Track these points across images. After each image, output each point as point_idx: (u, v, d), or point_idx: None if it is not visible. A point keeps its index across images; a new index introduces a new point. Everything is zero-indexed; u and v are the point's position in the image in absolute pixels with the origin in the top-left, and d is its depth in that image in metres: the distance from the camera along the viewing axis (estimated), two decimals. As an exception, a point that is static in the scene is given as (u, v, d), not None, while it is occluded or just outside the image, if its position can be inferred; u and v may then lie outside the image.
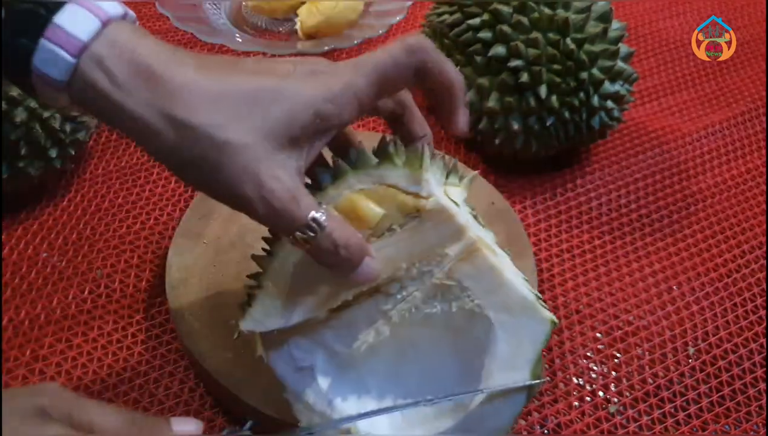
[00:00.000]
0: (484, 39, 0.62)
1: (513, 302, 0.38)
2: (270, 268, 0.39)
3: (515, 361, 0.38)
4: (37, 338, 0.53)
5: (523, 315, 0.38)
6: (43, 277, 0.57)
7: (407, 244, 0.38)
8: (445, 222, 0.38)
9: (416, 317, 0.40)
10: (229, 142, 0.33)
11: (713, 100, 0.82)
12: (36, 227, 0.61)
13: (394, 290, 0.39)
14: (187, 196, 0.65)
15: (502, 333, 0.38)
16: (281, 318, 0.39)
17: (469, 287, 0.39)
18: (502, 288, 0.38)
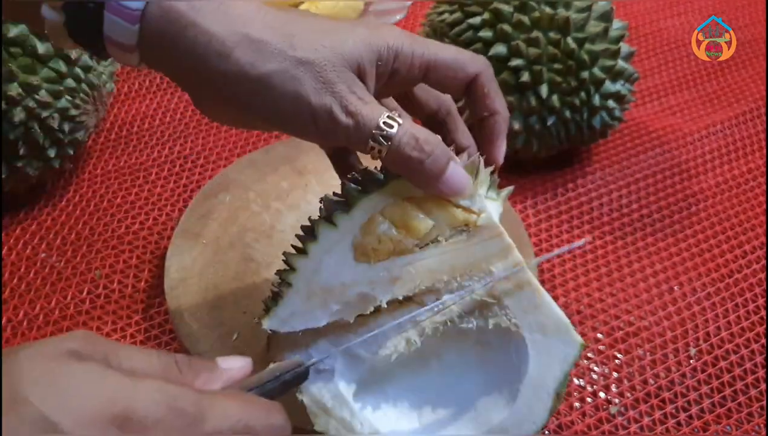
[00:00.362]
0: (484, 38, 0.62)
1: (549, 323, 0.38)
2: (301, 265, 0.38)
3: (543, 380, 0.37)
4: (35, 339, 0.52)
5: (557, 336, 0.38)
6: (41, 277, 0.57)
7: (451, 256, 0.38)
8: (494, 239, 0.38)
9: (449, 330, 0.39)
10: (307, 59, 0.34)
11: (714, 99, 0.82)
12: (34, 227, 0.61)
13: (429, 301, 0.39)
14: (186, 196, 0.65)
15: (534, 353, 0.38)
16: (308, 320, 0.38)
17: (509, 305, 0.38)
18: (540, 309, 0.38)
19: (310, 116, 0.34)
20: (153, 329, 0.54)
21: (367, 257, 0.38)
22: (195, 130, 0.72)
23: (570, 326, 0.38)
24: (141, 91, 0.76)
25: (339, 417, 0.38)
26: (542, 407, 0.37)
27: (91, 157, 0.68)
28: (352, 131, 0.34)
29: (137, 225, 0.62)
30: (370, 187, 0.37)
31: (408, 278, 0.38)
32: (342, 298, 0.38)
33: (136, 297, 0.56)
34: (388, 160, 0.35)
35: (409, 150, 0.35)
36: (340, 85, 0.34)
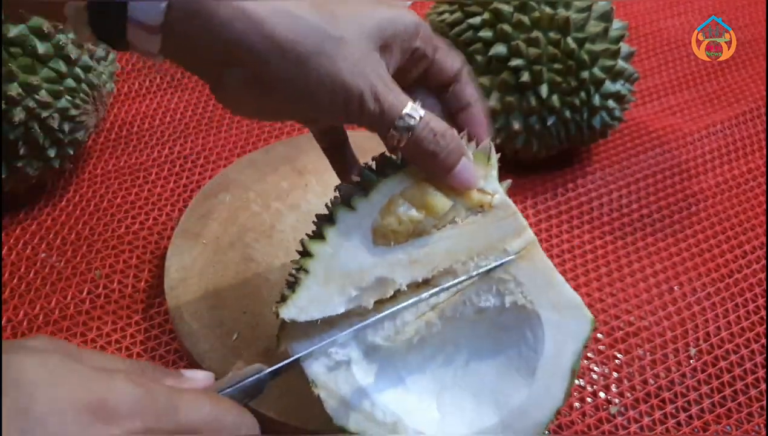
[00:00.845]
0: (484, 38, 0.62)
1: (563, 301, 0.39)
2: (319, 250, 0.37)
3: (559, 358, 0.38)
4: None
5: (570, 314, 0.39)
6: (41, 277, 0.57)
7: (468, 237, 0.39)
8: (508, 218, 0.39)
9: (467, 311, 0.40)
10: (341, 37, 0.34)
11: (714, 99, 0.82)
12: (34, 227, 0.61)
13: (446, 282, 0.39)
14: (186, 196, 0.65)
15: (549, 331, 0.39)
16: (326, 307, 0.37)
17: (524, 282, 0.39)
18: (554, 287, 0.39)
19: (343, 98, 0.34)
20: (153, 329, 0.54)
21: (387, 239, 0.38)
22: (195, 130, 0.72)
23: (582, 303, 0.39)
24: (141, 91, 0.76)
25: (359, 409, 0.38)
26: (560, 385, 0.38)
27: (91, 157, 0.68)
28: (376, 118, 0.35)
29: (137, 225, 0.62)
30: (388, 170, 0.38)
31: (426, 259, 0.38)
32: (361, 282, 0.37)
33: (136, 297, 0.56)
34: (406, 150, 0.36)
35: (427, 143, 0.36)
36: (370, 68, 0.34)
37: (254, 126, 0.73)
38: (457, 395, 0.40)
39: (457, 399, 0.40)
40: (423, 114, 0.35)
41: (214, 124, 0.73)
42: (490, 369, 0.41)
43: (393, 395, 0.39)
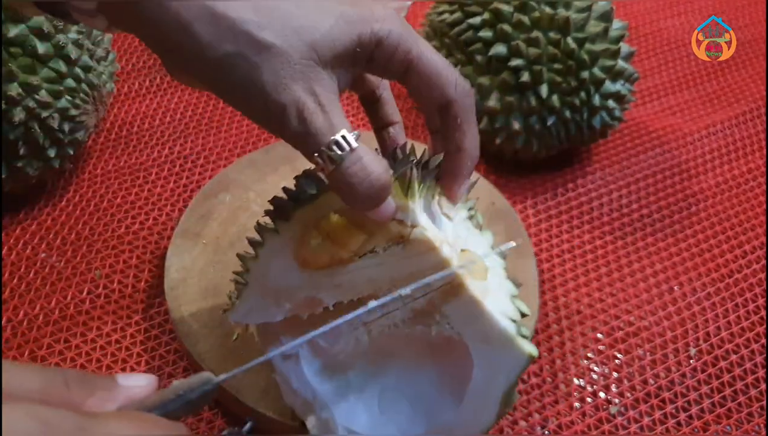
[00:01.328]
0: (484, 38, 0.62)
1: (492, 333, 0.37)
2: (253, 267, 0.39)
3: (488, 389, 0.38)
4: (35, 339, 0.52)
5: (501, 347, 0.37)
6: (41, 277, 0.57)
7: (389, 268, 0.38)
8: (428, 253, 0.37)
9: (396, 333, 0.41)
10: (270, 44, 0.31)
11: (714, 99, 0.82)
12: (34, 227, 0.61)
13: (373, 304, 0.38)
14: (186, 196, 0.65)
15: (478, 361, 0.38)
16: (265, 315, 0.40)
17: (450, 315, 0.38)
18: (482, 319, 0.37)
19: (264, 111, 0.32)
20: (153, 329, 0.54)
21: (308, 265, 0.38)
22: (195, 130, 0.72)
23: (514, 339, 0.37)
24: (141, 92, 0.76)
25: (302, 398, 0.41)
26: (488, 413, 0.38)
27: (91, 157, 0.68)
28: (300, 139, 0.32)
29: (137, 225, 0.62)
30: (302, 196, 0.37)
31: (349, 285, 0.38)
32: (291, 299, 0.39)
33: (136, 297, 0.56)
34: (330, 179, 0.33)
35: (354, 179, 0.32)
36: (299, 84, 0.31)
37: (254, 126, 0.73)
38: (397, 399, 0.41)
39: (396, 403, 0.41)
40: (355, 146, 0.32)
41: (214, 124, 0.73)
42: (427, 380, 0.41)
43: (334, 390, 0.41)
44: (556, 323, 0.56)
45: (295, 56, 0.31)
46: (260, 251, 0.39)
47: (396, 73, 0.35)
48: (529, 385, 0.52)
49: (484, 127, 0.65)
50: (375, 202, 0.34)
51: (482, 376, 0.38)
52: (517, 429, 0.50)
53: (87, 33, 0.57)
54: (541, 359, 0.54)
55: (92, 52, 0.58)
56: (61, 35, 0.54)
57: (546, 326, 0.56)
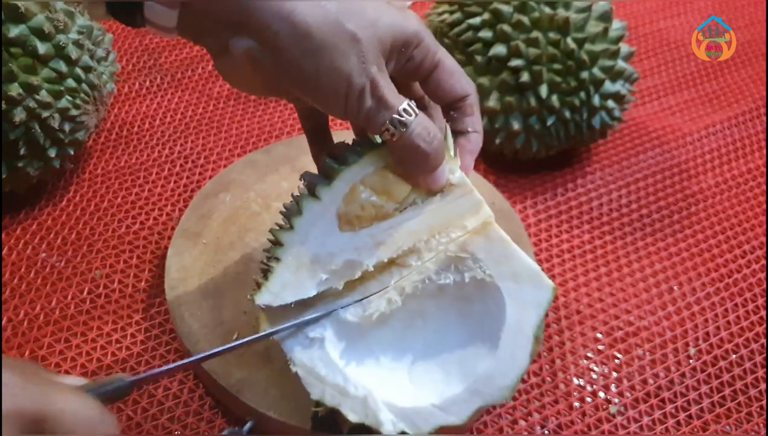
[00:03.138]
0: (484, 38, 0.62)
1: (520, 271, 0.40)
2: (288, 239, 0.39)
3: (521, 326, 0.40)
4: (35, 338, 0.52)
5: (529, 283, 0.40)
6: (41, 277, 0.57)
7: (429, 216, 0.41)
8: (465, 196, 0.41)
9: (428, 288, 0.42)
10: (354, 34, 0.35)
11: (714, 100, 0.82)
12: (35, 227, 0.61)
13: (411, 261, 0.41)
14: (186, 196, 0.65)
15: (510, 300, 0.40)
16: (298, 291, 0.39)
17: (482, 258, 0.41)
18: (512, 259, 0.41)
19: (344, 92, 0.36)
20: (153, 329, 0.54)
21: (352, 224, 0.40)
22: (195, 130, 0.72)
23: (541, 272, 0.40)
24: (141, 92, 0.76)
25: (333, 384, 0.39)
26: (523, 352, 0.39)
27: (91, 157, 0.68)
28: (373, 113, 0.36)
29: (137, 225, 0.62)
30: (349, 159, 0.40)
31: (390, 241, 0.40)
32: (329, 266, 0.39)
33: (137, 297, 0.56)
34: (398, 145, 0.37)
35: (419, 140, 0.37)
36: (374, 68, 0.36)
37: (254, 126, 0.73)
38: (427, 367, 0.42)
39: (427, 371, 0.42)
40: (419, 112, 0.37)
41: (214, 124, 0.73)
42: (457, 341, 0.42)
43: (365, 370, 0.41)
44: (555, 323, 0.56)
45: (370, 46, 0.35)
46: (297, 221, 0.39)
47: (425, 72, 0.40)
48: (529, 385, 0.52)
49: (484, 127, 0.65)
50: (437, 161, 0.39)
51: (515, 315, 0.40)
52: (517, 429, 0.50)
53: (87, 33, 0.57)
54: (541, 359, 0.54)
55: (93, 53, 0.58)
56: (61, 36, 0.54)
57: (546, 326, 0.56)
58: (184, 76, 0.79)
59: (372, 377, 0.40)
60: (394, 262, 0.41)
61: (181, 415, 0.49)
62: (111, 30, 0.84)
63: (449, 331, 0.43)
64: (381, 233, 0.40)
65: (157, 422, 0.48)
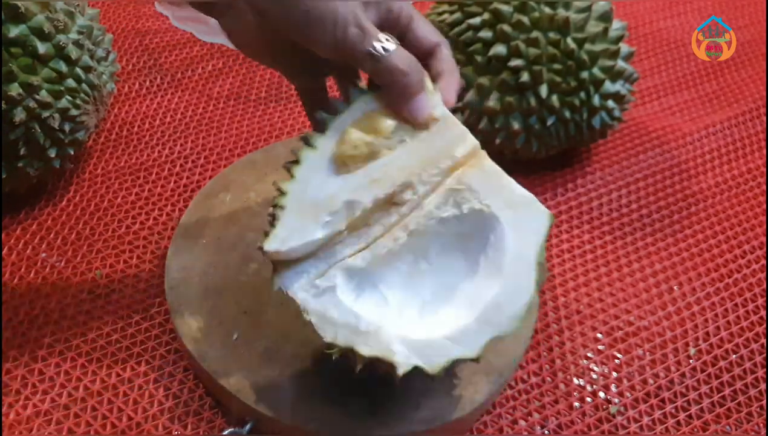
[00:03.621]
0: (484, 38, 0.62)
1: (516, 199, 0.42)
2: (290, 188, 0.41)
3: (523, 253, 0.41)
4: (35, 339, 0.52)
5: (525, 211, 0.42)
6: (41, 277, 0.57)
7: (418, 150, 0.42)
8: (450, 127, 0.42)
9: (430, 226, 0.43)
10: None
11: (714, 100, 0.82)
12: (35, 227, 0.61)
13: (408, 197, 0.42)
14: (186, 196, 0.65)
15: (509, 229, 0.41)
16: (304, 234, 0.40)
17: (478, 189, 0.42)
18: (506, 188, 0.42)
19: (332, 22, 0.39)
20: (153, 329, 0.54)
21: (346, 165, 0.42)
22: (195, 130, 0.72)
23: (536, 200, 0.42)
24: (141, 92, 0.76)
25: (344, 324, 0.40)
26: (528, 278, 0.41)
27: (91, 157, 0.68)
28: (358, 39, 0.39)
29: (137, 225, 0.62)
30: (339, 108, 0.43)
31: (384, 177, 0.42)
32: (331, 208, 0.41)
33: (137, 297, 0.56)
34: (381, 70, 0.40)
35: (399, 61, 0.40)
36: (357, 7, 0.39)
37: (254, 126, 0.73)
38: (436, 305, 0.43)
39: (436, 309, 0.43)
40: (398, 44, 0.40)
41: (214, 124, 0.73)
42: (463, 277, 0.43)
43: (376, 310, 0.42)
44: (555, 323, 0.56)
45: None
46: (297, 170, 0.41)
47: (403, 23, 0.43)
48: (529, 385, 0.52)
49: (484, 127, 0.65)
50: (417, 85, 0.41)
51: (516, 242, 0.41)
52: (517, 429, 0.50)
53: (87, 33, 0.57)
54: (541, 359, 0.54)
55: (93, 53, 0.58)
56: (61, 36, 0.54)
57: (546, 326, 0.56)
58: (184, 76, 0.79)
59: (384, 316, 0.41)
60: (392, 200, 0.42)
61: (181, 415, 0.49)
62: (111, 30, 0.84)
63: (454, 269, 0.43)
64: (374, 170, 0.42)
65: (157, 422, 0.48)
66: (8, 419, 0.48)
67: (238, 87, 0.78)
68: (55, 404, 0.49)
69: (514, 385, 0.52)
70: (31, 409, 0.48)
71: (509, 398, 0.51)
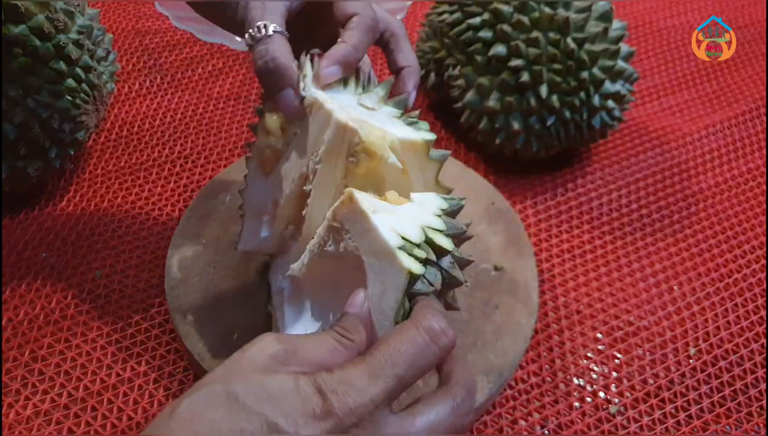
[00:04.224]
0: (484, 38, 0.62)
1: (379, 248, 0.39)
2: (245, 196, 0.47)
3: (381, 306, 0.38)
4: (35, 339, 0.52)
5: (387, 263, 0.39)
6: (41, 277, 0.57)
7: (301, 140, 0.44)
8: (318, 111, 0.43)
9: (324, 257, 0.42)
10: None
11: (714, 99, 0.82)
12: (35, 227, 0.61)
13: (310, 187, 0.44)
14: (186, 196, 0.65)
15: (371, 275, 0.39)
16: (256, 236, 0.47)
17: (349, 229, 0.40)
18: (369, 233, 0.39)
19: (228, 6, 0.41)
20: (153, 329, 0.54)
21: (266, 170, 0.46)
22: (195, 130, 0.72)
23: (395, 253, 0.38)
24: (141, 92, 0.76)
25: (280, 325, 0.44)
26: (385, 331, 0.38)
27: (91, 157, 0.68)
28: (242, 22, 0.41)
29: (137, 225, 0.62)
30: None
31: (287, 173, 0.45)
32: (266, 209, 0.46)
33: (137, 297, 0.56)
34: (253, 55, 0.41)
35: (259, 58, 0.40)
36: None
37: (254, 126, 0.73)
38: None
39: None
40: (271, 34, 0.40)
41: (214, 124, 0.73)
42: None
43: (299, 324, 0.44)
44: (555, 323, 0.56)
45: None
46: (246, 177, 0.47)
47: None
48: (529, 385, 0.52)
49: (484, 127, 0.65)
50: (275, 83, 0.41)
51: (374, 291, 0.39)
52: (517, 429, 0.50)
53: (87, 33, 0.57)
54: (541, 359, 0.54)
55: (92, 53, 0.58)
56: (61, 36, 0.54)
57: (546, 326, 0.56)
58: (184, 76, 0.78)
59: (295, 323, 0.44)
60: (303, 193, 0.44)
61: (181, 415, 0.49)
62: (111, 30, 0.84)
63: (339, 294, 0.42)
64: (281, 169, 0.45)
65: (157, 422, 0.48)
66: (8, 419, 0.48)
67: (238, 87, 0.78)
68: (55, 404, 0.49)
69: (514, 385, 0.52)
70: (31, 409, 0.48)
71: (509, 398, 0.51)
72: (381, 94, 0.46)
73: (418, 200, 0.42)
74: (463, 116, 0.67)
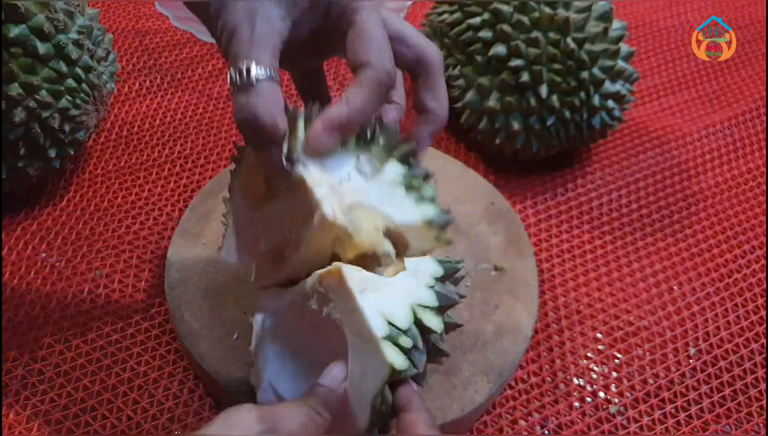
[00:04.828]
0: (484, 38, 0.62)
1: (364, 332, 0.36)
2: (231, 209, 0.45)
3: (360, 388, 0.37)
4: (35, 339, 0.52)
5: (370, 349, 0.36)
6: (41, 277, 0.57)
7: (288, 205, 0.40)
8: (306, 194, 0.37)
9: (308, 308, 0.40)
10: None
11: (714, 99, 0.82)
12: (35, 226, 0.61)
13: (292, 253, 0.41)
14: (186, 196, 0.65)
15: (353, 354, 0.37)
16: (235, 253, 0.45)
17: (334, 300, 0.38)
18: (355, 314, 0.37)
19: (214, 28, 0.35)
20: (153, 329, 0.54)
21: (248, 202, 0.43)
22: (195, 130, 0.72)
23: (379, 345, 0.35)
24: (141, 92, 0.76)
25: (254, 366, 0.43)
26: (362, 413, 0.37)
27: (91, 157, 0.68)
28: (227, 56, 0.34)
29: (137, 225, 0.62)
30: None
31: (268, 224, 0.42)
32: (245, 237, 0.44)
33: (137, 297, 0.56)
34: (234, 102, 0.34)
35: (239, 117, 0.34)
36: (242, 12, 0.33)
37: (254, 126, 0.73)
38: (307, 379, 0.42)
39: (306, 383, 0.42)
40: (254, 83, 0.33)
41: (214, 124, 0.73)
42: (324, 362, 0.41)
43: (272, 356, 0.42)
44: (555, 323, 0.56)
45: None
46: (232, 194, 0.44)
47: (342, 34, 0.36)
48: (529, 385, 0.52)
49: (484, 127, 0.65)
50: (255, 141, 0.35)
51: (354, 368, 0.37)
52: (517, 429, 0.50)
53: (87, 33, 0.57)
54: (541, 359, 0.54)
55: (93, 53, 0.58)
56: (61, 35, 0.54)
57: (546, 326, 0.56)
58: (184, 76, 0.78)
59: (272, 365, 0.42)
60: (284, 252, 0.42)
61: (181, 415, 0.49)
62: (111, 30, 0.84)
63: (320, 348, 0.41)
64: (265, 211, 0.42)
65: (157, 422, 0.48)
66: (8, 419, 0.48)
67: (238, 87, 0.78)
68: (55, 404, 0.49)
69: (514, 385, 0.52)
70: (30, 409, 0.48)
71: (509, 398, 0.51)
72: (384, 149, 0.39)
73: (412, 268, 0.39)
74: (463, 116, 0.67)
